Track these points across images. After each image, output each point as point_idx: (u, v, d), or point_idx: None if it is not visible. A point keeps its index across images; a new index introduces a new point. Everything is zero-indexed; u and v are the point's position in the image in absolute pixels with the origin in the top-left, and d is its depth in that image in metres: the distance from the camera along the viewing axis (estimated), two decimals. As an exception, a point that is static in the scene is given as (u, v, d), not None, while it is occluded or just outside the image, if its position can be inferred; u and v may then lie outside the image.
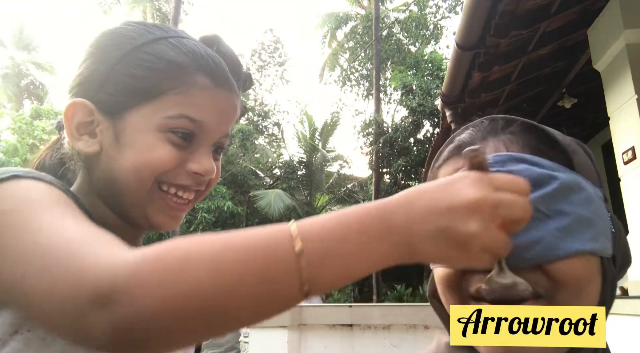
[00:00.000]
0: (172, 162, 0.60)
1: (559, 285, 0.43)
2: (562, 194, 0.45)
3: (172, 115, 0.59)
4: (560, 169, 0.46)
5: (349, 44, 20.06)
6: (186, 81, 0.60)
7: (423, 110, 12.03)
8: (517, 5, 3.56)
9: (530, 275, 0.43)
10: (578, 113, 6.25)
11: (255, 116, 20.45)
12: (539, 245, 0.43)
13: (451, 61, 4.36)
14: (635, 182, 3.67)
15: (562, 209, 0.44)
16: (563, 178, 0.45)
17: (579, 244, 0.43)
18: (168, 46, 0.61)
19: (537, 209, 0.43)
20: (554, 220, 0.44)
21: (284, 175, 18.10)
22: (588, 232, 0.44)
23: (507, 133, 0.51)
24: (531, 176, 0.44)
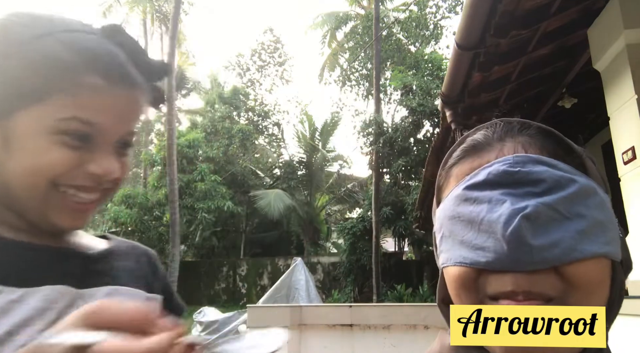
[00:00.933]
0: (66, 166, 0.57)
1: (573, 287, 0.44)
2: (581, 197, 0.45)
3: (64, 117, 0.56)
4: (577, 173, 0.47)
5: (349, 44, 20.07)
6: (76, 82, 0.56)
7: (423, 110, 12.03)
8: (517, 5, 3.56)
9: (545, 277, 0.43)
10: (578, 113, 6.25)
11: (255, 116, 20.44)
12: (559, 246, 0.43)
13: (451, 61, 4.36)
14: (635, 182, 3.67)
15: (580, 212, 0.44)
16: (581, 182, 0.46)
17: (596, 247, 0.44)
18: (56, 43, 0.56)
19: (557, 211, 0.44)
20: (573, 222, 0.44)
21: (284, 175, 18.10)
22: (603, 236, 0.45)
23: (525, 135, 0.51)
24: (552, 178, 0.45)
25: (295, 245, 17.87)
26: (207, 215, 15.51)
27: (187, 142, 16.44)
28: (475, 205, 0.46)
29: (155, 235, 16.08)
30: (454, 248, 0.48)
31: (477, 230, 0.46)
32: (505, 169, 0.46)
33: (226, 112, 19.30)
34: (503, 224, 0.43)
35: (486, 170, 0.47)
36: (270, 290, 9.83)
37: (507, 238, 0.42)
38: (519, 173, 0.45)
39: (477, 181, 0.47)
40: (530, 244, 0.42)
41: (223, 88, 21.31)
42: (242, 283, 16.38)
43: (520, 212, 0.43)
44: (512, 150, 0.49)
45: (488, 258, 0.44)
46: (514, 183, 0.45)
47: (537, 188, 0.45)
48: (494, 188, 0.46)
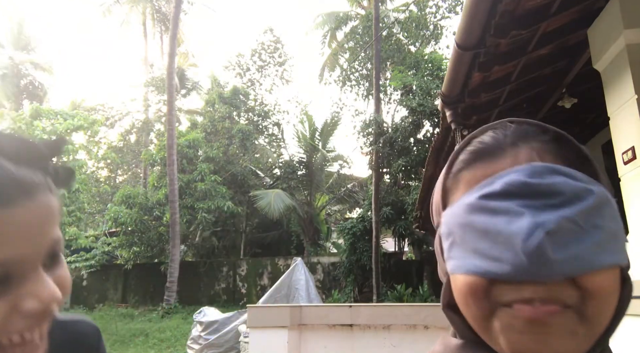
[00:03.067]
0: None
1: (589, 296, 0.44)
2: (597, 208, 0.45)
3: None
4: (592, 182, 0.46)
5: (349, 44, 20.07)
6: None
7: (423, 110, 12.03)
8: (517, 5, 3.56)
9: (563, 286, 0.44)
10: (578, 113, 6.25)
11: (255, 116, 20.45)
12: (577, 259, 0.43)
13: (451, 61, 4.36)
14: (635, 182, 3.67)
15: (597, 223, 0.44)
16: (597, 192, 0.45)
17: (612, 257, 0.44)
18: None
19: (576, 223, 0.43)
20: (590, 234, 0.44)
21: (284, 175, 18.09)
22: (617, 245, 0.45)
23: (539, 141, 0.50)
24: (570, 189, 0.44)
25: (295, 245, 17.86)
26: (207, 215, 15.51)
27: (187, 142, 16.44)
28: (491, 216, 0.46)
29: (155, 235, 16.09)
30: (465, 256, 0.48)
31: (494, 241, 0.45)
32: (524, 180, 0.45)
33: (226, 112, 19.30)
34: (523, 238, 0.42)
35: (503, 180, 0.46)
36: (270, 290, 9.83)
37: (528, 252, 0.42)
38: (539, 186, 0.45)
39: (493, 191, 0.46)
40: (551, 258, 0.42)
41: (223, 88, 21.31)
42: (242, 283, 16.38)
43: (541, 226, 0.42)
44: (527, 157, 0.48)
45: (504, 269, 0.44)
46: (532, 194, 0.45)
47: (555, 200, 0.44)
48: (511, 199, 0.45)
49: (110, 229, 16.47)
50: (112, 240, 16.29)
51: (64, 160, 15.38)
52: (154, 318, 13.69)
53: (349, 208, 19.87)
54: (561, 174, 0.46)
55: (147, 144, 23.62)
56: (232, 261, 16.95)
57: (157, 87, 22.76)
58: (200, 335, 8.83)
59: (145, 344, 11.47)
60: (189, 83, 24.43)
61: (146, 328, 12.59)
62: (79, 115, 16.12)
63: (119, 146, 24.13)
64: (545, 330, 0.44)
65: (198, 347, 8.76)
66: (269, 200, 15.81)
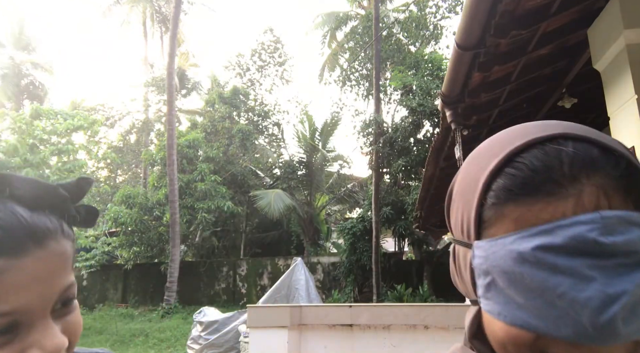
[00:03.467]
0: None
1: None
2: None
3: None
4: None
5: (349, 44, 20.07)
6: None
7: (423, 110, 12.03)
8: (517, 5, 3.56)
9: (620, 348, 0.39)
10: (578, 113, 6.25)
11: (255, 116, 20.45)
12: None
13: (451, 61, 4.36)
14: (635, 182, 3.67)
15: None
16: None
17: None
18: None
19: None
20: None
21: (284, 175, 18.09)
22: None
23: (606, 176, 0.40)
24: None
25: (295, 245, 17.86)
26: (207, 215, 15.51)
27: (187, 142, 16.44)
28: (551, 274, 0.38)
29: (155, 235, 16.08)
30: (509, 306, 0.41)
31: (551, 302, 0.39)
32: (595, 238, 0.37)
33: (226, 112, 19.30)
34: (594, 312, 0.37)
35: (566, 233, 0.38)
36: (270, 290, 9.83)
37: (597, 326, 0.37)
38: (614, 246, 0.37)
39: (554, 244, 0.38)
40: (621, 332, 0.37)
41: (223, 88, 21.31)
42: (242, 283, 16.38)
43: (616, 300, 0.37)
44: (594, 199, 0.39)
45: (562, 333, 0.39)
46: (604, 254, 0.38)
47: (629, 259, 0.38)
48: (577, 257, 0.38)
49: (110, 229, 16.47)
50: (112, 240, 16.29)
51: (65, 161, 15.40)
52: (154, 318, 13.69)
53: (349, 208, 19.87)
54: (635, 225, 0.38)
55: (147, 144, 23.63)
56: (232, 261, 16.95)
57: (157, 87, 22.78)
58: (200, 335, 8.83)
59: (145, 344, 11.47)
60: (189, 83, 24.44)
61: (146, 328, 12.59)
62: (79, 115, 16.12)
63: (119, 146, 24.15)
64: None
65: (198, 347, 8.76)
66: (269, 200, 15.81)
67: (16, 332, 0.48)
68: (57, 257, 0.51)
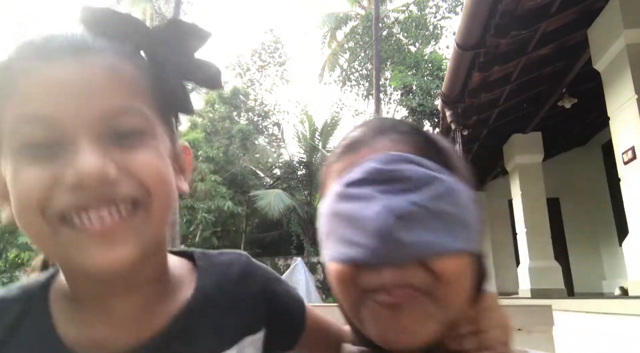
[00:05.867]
0: (40, 187, 0.44)
1: (439, 280, 0.46)
2: (446, 195, 0.47)
3: (10, 126, 0.45)
4: (443, 171, 0.49)
5: (349, 44, 20.05)
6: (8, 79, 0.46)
7: (423, 110, 12.03)
8: (517, 5, 3.56)
9: (415, 270, 0.46)
10: (578, 113, 6.25)
11: (255, 116, 20.45)
12: (427, 242, 0.45)
13: (451, 61, 4.36)
14: (635, 182, 3.67)
15: (445, 209, 0.47)
16: (445, 181, 0.48)
17: (459, 243, 0.47)
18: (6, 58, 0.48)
19: (425, 208, 0.46)
20: (438, 219, 0.46)
21: (284, 175, 18.09)
22: (466, 232, 0.48)
23: (396, 133, 0.53)
24: (419, 176, 0.47)
25: (295, 245, 17.86)
26: (207, 215, 15.51)
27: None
28: (352, 203, 0.48)
29: (155, 235, 16.06)
30: (333, 245, 0.49)
31: (355, 226, 0.47)
32: (376, 166, 0.48)
33: (226, 112, 19.29)
34: (375, 221, 0.45)
35: (360, 168, 0.49)
36: (270, 290, 9.83)
37: (378, 234, 0.44)
38: (391, 172, 0.47)
39: (353, 179, 0.49)
40: (400, 240, 0.44)
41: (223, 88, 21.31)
42: (242, 283, 16.37)
43: (391, 209, 0.45)
44: (384, 147, 0.51)
45: (361, 254, 0.46)
46: (385, 180, 0.47)
47: (406, 185, 0.47)
48: (367, 185, 0.48)
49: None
50: (112, 240, 16.27)
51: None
52: (154, 318, 13.69)
53: (349, 208, 19.84)
54: (412, 163, 0.48)
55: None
56: (232, 261, 16.93)
57: (157, 87, 22.72)
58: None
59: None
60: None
61: (146, 328, 12.59)
62: (79, 115, 16.10)
63: (119, 146, 24.10)
64: (402, 315, 0.46)
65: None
66: (269, 200, 15.80)
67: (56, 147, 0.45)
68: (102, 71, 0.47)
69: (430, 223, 0.46)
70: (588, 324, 3.92)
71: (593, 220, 8.22)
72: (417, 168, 0.48)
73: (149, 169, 0.48)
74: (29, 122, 0.45)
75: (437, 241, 0.45)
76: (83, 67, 0.47)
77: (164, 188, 0.50)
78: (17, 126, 0.45)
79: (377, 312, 0.47)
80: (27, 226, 0.46)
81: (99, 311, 0.52)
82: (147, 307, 0.54)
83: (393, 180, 0.47)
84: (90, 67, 0.47)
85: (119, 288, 0.52)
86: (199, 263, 0.62)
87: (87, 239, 0.46)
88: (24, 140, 0.45)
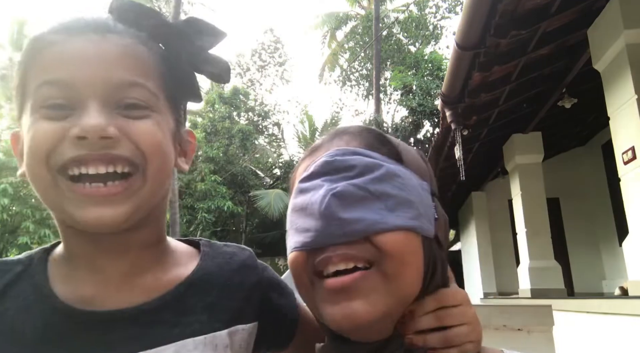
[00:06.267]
0: (49, 138, 0.51)
1: (385, 254, 0.49)
2: (387, 179, 0.51)
3: (33, 87, 0.52)
4: (388, 161, 0.54)
5: (349, 44, 20.07)
6: (36, 48, 0.54)
7: (423, 110, 12.03)
8: (517, 5, 3.56)
9: (361, 245, 0.49)
10: (578, 113, 6.25)
11: (255, 116, 20.45)
12: (365, 219, 0.49)
13: (451, 61, 4.36)
14: (635, 182, 3.67)
15: (386, 191, 0.51)
16: (389, 167, 0.52)
17: (400, 221, 0.50)
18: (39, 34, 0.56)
19: (365, 190, 0.50)
20: (380, 199, 0.50)
21: (284, 175, 18.09)
22: (409, 212, 0.51)
23: (348, 133, 0.58)
24: (362, 163, 0.52)
25: (295, 245, 17.86)
26: (207, 215, 15.51)
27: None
28: (304, 194, 0.52)
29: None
30: (291, 237, 0.53)
31: (305, 215, 0.51)
32: (325, 159, 0.53)
33: (226, 112, 19.28)
34: (318, 203, 0.49)
35: (315, 164, 0.54)
36: (270, 290, 9.83)
37: (321, 214, 0.48)
38: (335, 161, 0.52)
39: (307, 174, 0.54)
40: (340, 218, 0.48)
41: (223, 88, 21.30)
42: (242, 283, 16.38)
43: (331, 191, 0.49)
44: (338, 146, 0.56)
45: (310, 237, 0.50)
46: (333, 171, 0.52)
47: (350, 173, 0.51)
48: (317, 177, 0.52)
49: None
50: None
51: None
52: (154, 319, 13.70)
53: (349, 208, 19.87)
54: (357, 154, 0.53)
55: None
56: (232, 261, 16.93)
57: (157, 87, 22.73)
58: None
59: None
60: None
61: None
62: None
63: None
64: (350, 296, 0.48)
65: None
66: (269, 200, 15.82)
67: (69, 108, 0.52)
68: (117, 49, 0.54)
69: (371, 203, 0.50)
70: (588, 324, 3.92)
71: (593, 220, 8.21)
72: (362, 158, 0.52)
73: (146, 136, 0.54)
74: (49, 84, 0.52)
75: (376, 218, 0.49)
76: (101, 42, 0.54)
77: (160, 156, 0.55)
78: (39, 87, 0.52)
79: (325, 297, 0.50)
80: (33, 176, 0.53)
81: (91, 269, 0.57)
82: (139, 272, 0.58)
83: (339, 170, 0.52)
84: (107, 44, 0.54)
85: (110, 248, 0.56)
86: (203, 249, 0.67)
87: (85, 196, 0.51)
88: (42, 100, 0.52)
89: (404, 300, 0.51)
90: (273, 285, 0.72)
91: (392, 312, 0.50)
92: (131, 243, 0.58)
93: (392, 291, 0.49)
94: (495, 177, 8.46)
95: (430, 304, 0.53)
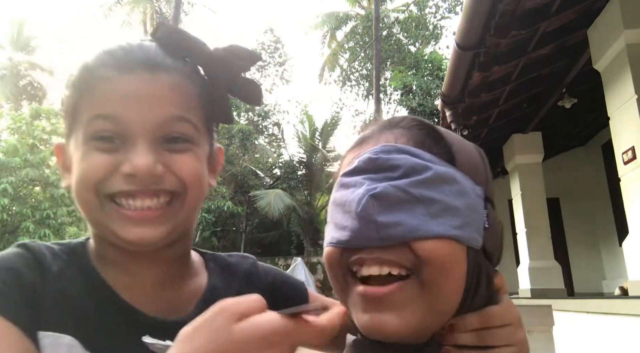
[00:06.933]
0: (101, 170, 0.55)
1: (423, 262, 0.46)
2: (434, 182, 0.48)
3: (86, 120, 0.56)
4: (438, 162, 0.50)
5: (349, 44, 20.07)
6: (89, 81, 0.57)
7: (423, 110, 12.03)
8: (517, 5, 3.56)
9: (398, 251, 0.46)
10: (578, 113, 6.25)
11: (255, 116, 20.45)
12: (404, 224, 0.46)
13: (451, 61, 4.36)
14: (635, 182, 3.67)
15: (431, 196, 0.47)
16: (437, 170, 0.49)
17: (442, 229, 0.46)
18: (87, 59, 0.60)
19: (407, 193, 0.47)
20: (423, 204, 0.47)
21: (284, 175, 18.09)
22: (453, 220, 0.47)
23: (399, 127, 0.55)
24: (408, 164, 0.49)
25: (295, 245, 17.86)
26: (207, 215, 15.51)
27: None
28: (345, 190, 0.51)
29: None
30: (329, 231, 0.52)
31: (344, 211, 0.50)
32: (369, 156, 0.50)
33: (226, 112, 19.28)
34: (356, 203, 0.47)
35: (357, 158, 0.52)
36: (270, 290, 9.83)
37: (357, 215, 0.46)
38: (379, 159, 0.50)
39: (350, 168, 0.51)
40: (377, 221, 0.46)
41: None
42: (242, 283, 16.37)
43: (370, 191, 0.47)
44: (386, 141, 0.53)
45: (345, 236, 0.48)
46: (375, 169, 0.49)
47: (394, 173, 0.48)
48: (359, 174, 0.50)
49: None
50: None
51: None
52: (154, 318, 13.69)
53: (349, 208, 19.84)
54: (404, 152, 0.50)
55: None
56: (232, 261, 16.93)
57: (157, 87, 22.71)
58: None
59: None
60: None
61: (146, 328, 12.59)
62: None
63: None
64: (382, 307, 0.47)
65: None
66: (269, 200, 15.80)
67: (120, 142, 0.56)
68: (166, 87, 0.58)
69: (412, 208, 0.47)
70: (588, 324, 3.92)
71: (593, 220, 8.21)
72: (409, 157, 0.49)
73: (188, 170, 0.59)
74: (102, 118, 0.55)
75: (416, 223, 0.46)
76: (152, 81, 0.57)
77: (198, 185, 0.61)
78: (91, 120, 0.56)
79: (358, 301, 0.48)
80: (80, 198, 0.57)
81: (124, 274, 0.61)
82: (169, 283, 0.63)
83: (382, 169, 0.49)
84: (157, 82, 0.57)
85: (144, 260, 0.61)
86: (208, 264, 0.71)
87: (128, 218, 0.56)
88: (94, 131, 0.56)
89: (440, 315, 0.48)
90: (280, 283, 0.75)
91: (426, 326, 0.48)
92: (164, 257, 0.62)
93: (428, 304, 0.47)
94: (495, 177, 8.46)
95: (473, 322, 0.49)
